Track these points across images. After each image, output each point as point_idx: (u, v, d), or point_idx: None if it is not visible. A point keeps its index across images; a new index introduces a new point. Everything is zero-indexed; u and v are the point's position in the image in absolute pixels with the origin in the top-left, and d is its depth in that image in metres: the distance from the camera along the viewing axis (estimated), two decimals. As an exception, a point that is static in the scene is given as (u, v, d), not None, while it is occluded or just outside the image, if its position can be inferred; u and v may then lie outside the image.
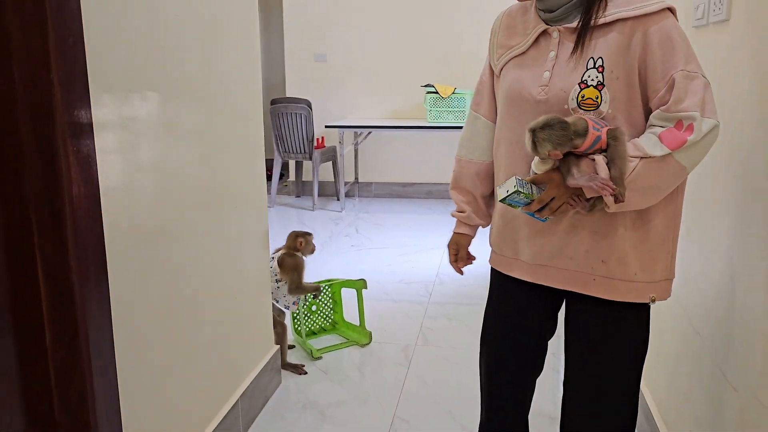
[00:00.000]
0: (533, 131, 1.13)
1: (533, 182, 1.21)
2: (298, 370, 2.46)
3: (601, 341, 1.31)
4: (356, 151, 5.87)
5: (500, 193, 1.22)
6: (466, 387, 2.32)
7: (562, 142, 1.12)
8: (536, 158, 1.20)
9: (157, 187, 1.50)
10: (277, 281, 2.46)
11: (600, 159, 1.14)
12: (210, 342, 1.81)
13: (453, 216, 1.52)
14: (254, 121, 2.11)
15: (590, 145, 1.14)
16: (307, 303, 2.77)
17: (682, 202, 1.26)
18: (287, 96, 5.79)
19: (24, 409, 1.22)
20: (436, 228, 4.75)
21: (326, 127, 5.35)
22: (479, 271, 1.79)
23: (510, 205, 1.23)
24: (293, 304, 2.52)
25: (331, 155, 5.64)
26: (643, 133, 1.18)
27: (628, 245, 1.23)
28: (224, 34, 1.85)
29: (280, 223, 4.94)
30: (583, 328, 1.34)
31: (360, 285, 2.76)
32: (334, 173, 5.79)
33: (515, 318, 1.45)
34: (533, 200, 1.20)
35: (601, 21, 1.19)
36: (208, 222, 1.78)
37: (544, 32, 1.26)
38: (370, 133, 5.68)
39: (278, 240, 2.60)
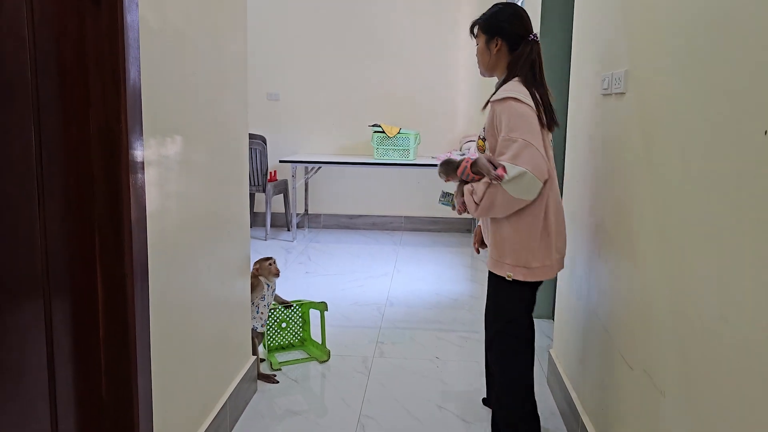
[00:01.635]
0: (442, 170, 2.11)
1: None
2: (271, 379, 2.76)
3: (490, 295, 2.19)
4: (307, 184, 6.23)
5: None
6: (419, 390, 2.70)
7: (448, 171, 2.08)
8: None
9: (178, 212, 1.83)
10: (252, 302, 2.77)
11: (466, 189, 2.02)
12: (206, 347, 2.12)
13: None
14: (241, 157, 2.45)
15: (462, 171, 2.00)
16: (277, 321, 3.09)
17: (535, 219, 1.98)
18: (241, 131, 6.10)
19: (76, 390, 1.51)
20: (383, 256, 5.15)
21: (280, 161, 5.69)
22: (424, 295, 2.19)
23: (445, 205, 2.19)
24: (260, 326, 2.82)
25: (283, 188, 5.97)
26: None
27: (497, 240, 2.05)
28: (224, 84, 2.21)
29: (236, 252, 5.21)
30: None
31: (322, 307, 3.11)
32: (285, 205, 6.11)
33: None
34: (452, 203, 2.17)
35: (490, 101, 2.01)
36: (209, 242, 2.11)
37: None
38: (320, 167, 6.05)
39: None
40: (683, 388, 1.39)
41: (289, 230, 6.01)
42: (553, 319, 3.17)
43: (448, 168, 2.06)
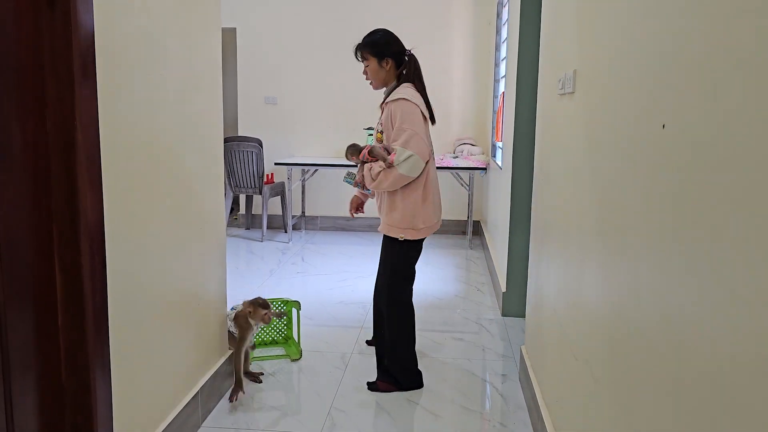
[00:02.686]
0: (348, 151, 2.75)
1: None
2: (256, 378, 2.82)
3: (385, 255, 2.77)
4: (303, 186, 6.31)
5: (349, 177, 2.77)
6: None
7: (353, 152, 2.71)
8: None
9: (145, 208, 1.91)
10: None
11: (365, 166, 2.65)
12: (178, 338, 2.19)
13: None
14: (216, 157, 2.53)
15: (362, 154, 2.65)
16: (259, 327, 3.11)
17: (418, 191, 2.59)
18: (239, 134, 6.21)
19: (37, 374, 1.58)
20: (376, 258, 5.19)
21: (276, 164, 5.77)
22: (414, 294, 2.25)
23: (348, 183, 2.75)
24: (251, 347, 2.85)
25: (280, 190, 6.06)
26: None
27: (391, 209, 2.63)
28: (195, 86, 2.29)
29: (231, 253, 5.30)
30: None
31: (295, 306, 3.16)
32: (282, 207, 6.20)
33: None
34: (355, 180, 2.73)
35: (386, 102, 2.60)
36: (180, 237, 2.19)
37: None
38: (316, 170, 6.13)
39: (231, 269, 2.98)
40: (612, 376, 1.44)
41: (286, 232, 6.09)
42: (524, 317, 3.22)
43: (354, 150, 2.70)
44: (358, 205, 2.97)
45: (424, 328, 3.50)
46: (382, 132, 2.62)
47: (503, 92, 4.52)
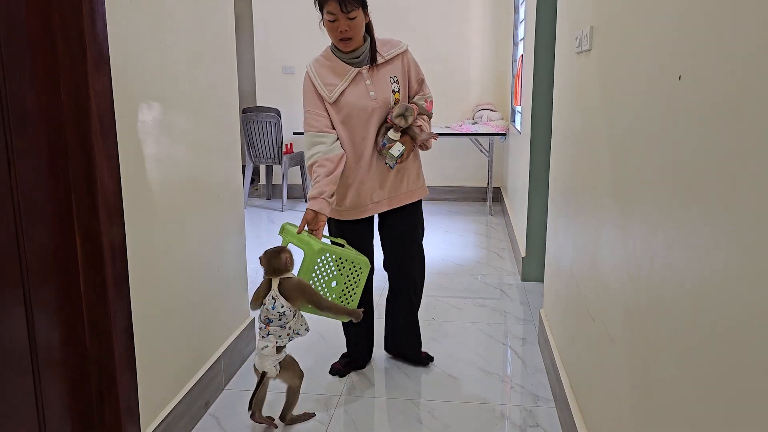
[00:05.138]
0: (402, 114, 2.24)
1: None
2: (308, 416, 2.23)
3: (411, 222, 2.52)
4: (322, 156, 6.30)
5: (395, 153, 2.27)
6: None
7: (411, 114, 2.26)
8: (391, 131, 2.26)
9: (160, 175, 1.93)
10: (281, 318, 2.03)
11: (425, 124, 2.37)
12: (198, 305, 2.23)
13: (322, 203, 2.21)
14: (232, 126, 2.54)
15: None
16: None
17: None
18: (258, 105, 6.21)
19: (61, 340, 1.63)
20: (396, 225, 5.21)
21: (294, 134, 5.77)
22: (431, 260, 2.26)
23: (395, 158, 2.27)
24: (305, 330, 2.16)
25: (299, 160, 6.07)
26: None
27: (415, 170, 2.46)
28: (208, 55, 2.29)
29: (252, 223, 5.35)
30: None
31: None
32: (302, 177, 6.21)
33: None
34: (403, 153, 2.29)
35: (387, 58, 2.32)
36: (198, 205, 2.21)
37: (358, 72, 2.27)
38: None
39: (252, 238, 3.00)
40: (629, 336, 1.43)
41: (306, 201, 6.11)
42: (543, 282, 3.22)
43: (409, 112, 2.26)
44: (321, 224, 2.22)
45: (445, 294, 3.51)
46: (399, 91, 2.33)
47: (522, 55, 4.44)
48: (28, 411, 1.50)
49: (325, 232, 2.29)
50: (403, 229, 2.48)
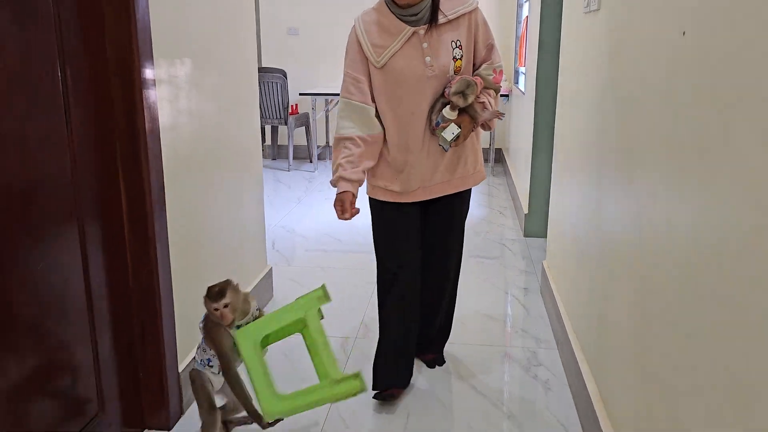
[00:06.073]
0: (461, 92, 1.85)
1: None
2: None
3: (458, 213, 2.19)
4: (327, 117, 6.40)
5: (447, 137, 1.88)
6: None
7: (473, 91, 1.86)
8: (447, 108, 1.87)
9: (190, 126, 2.05)
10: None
11: (490, 101, 1.96)
12: (225, 249, 2.38)
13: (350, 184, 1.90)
14: (252, 85, 2.65)
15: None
16: None
17: None
18: (263, 66, 6.27)
19: (109, 279, 1.77)
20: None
21: (300, 94, 5.85)
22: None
23: (448, 142, 1.90)
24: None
25: (304, 121, 6.16)
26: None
27: (474, 152, 2.09)
28: (229, 13, 2.38)
29: (260, 182, 5.47)
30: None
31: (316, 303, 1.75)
32: (306, 137, 6.31)
33: None
34: (459, 137, 1.90)
35: (450, 17, 1.88)
36: (223, 159, 2.34)
37: (414, 33, 1.87)
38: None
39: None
40: (629, 277, 1.58)
41: (311, 161, 6.22)
42: (545, 237, 3.37)
43: (474, 87, 1.88)
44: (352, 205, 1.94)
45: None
46: (460, 58, 1.92)
47: (527, 17, 4.51)
48: (84, 340, 1.65)
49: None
50: (447, 219, 2.14)
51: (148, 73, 1.73)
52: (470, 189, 2.14)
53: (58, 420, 1.56)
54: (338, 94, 5.81)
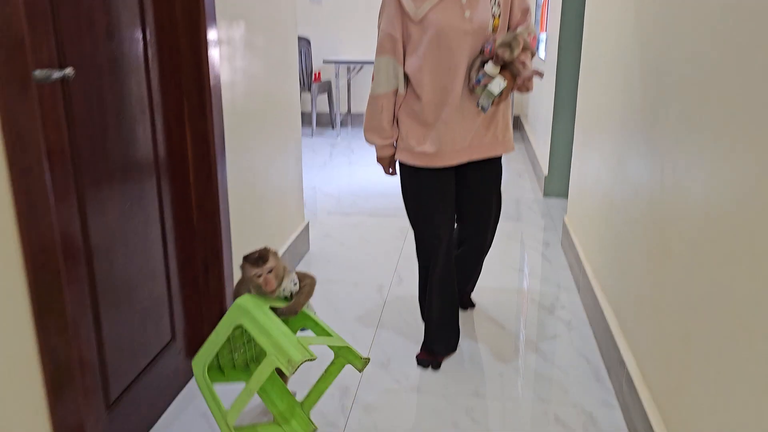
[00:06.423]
0: (509, 44, 1.84)
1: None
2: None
3: (493, 179, 2.19)
4: (349, 84, 6.54)
5: (494, 90, 1.87)
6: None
7: (520, 46, 1.87)
8: (490, 64, 1.87)
9: (245, 84, 2.23)
10: None
11: (529, 58, 1.95)
12: (269, 201, 2.57)
13: (384, 145, 2.06)
14: (291, 48, 2.81)
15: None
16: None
17: None
18: (286, 34, 6.40)
19: (177, 220, 1.96)
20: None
21: (324, 61, 5.99)
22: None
23: (493, 97, 1.88)
24: None
25: (327, 88, 6.31)
26: None
27: (506, 117, 2.10)
28: (276, -20, 2.55)
29: (285, 147, 5.66)
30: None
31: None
32: (329, 104, 6.47)
33: None
34: (502, 94, 1.90)
35: None
36: (272, 113, 2.52)
37: None
38: (361, 67, 6.34)
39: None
40: (651, 230, 1.75)
41: (333, 128, 6.39)
42: (565, 197, 3.53)
43: (519, 40, 1.87)
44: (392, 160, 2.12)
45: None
46: (499, 16, 1.95)
47: (549, -16, 4.61)
48: (160, 275, 1.86)
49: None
50: (481, 186, 2.14)
51: (212, 33, 1.90)
52: (501, 157, 2.15)
53: (143, 345, 1.77)
54: (361, 62, 5.98)
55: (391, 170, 2.16)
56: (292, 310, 1.67)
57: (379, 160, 2.13)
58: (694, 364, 1.36)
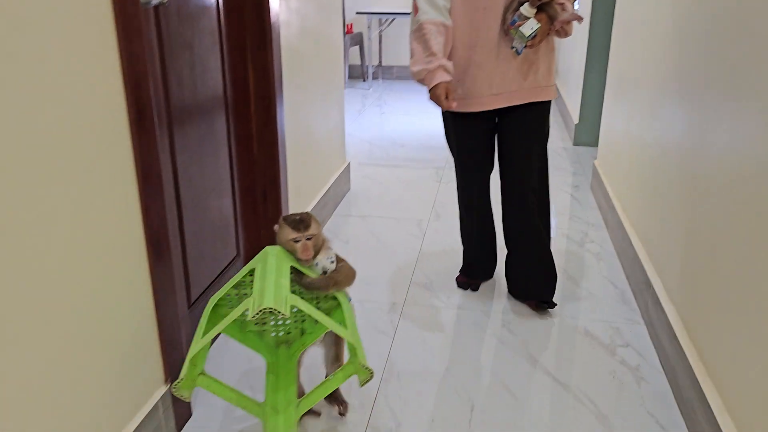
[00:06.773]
0: None
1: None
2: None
3: (536, 129, 2.05)
4: (381, 36, 6.61)
5: (525, 32, 1.81)
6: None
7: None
8: (526, 5, 1.80)
9: (297, 26, 2.37)
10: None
11: (569, 3, 1.87)
12: (317, 141, 2.74)
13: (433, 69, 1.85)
14: (337, 8, 2.95)
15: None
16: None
17: None
18: (319, -15, 6.46)
19: (237, 149, 2.14)
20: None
21: (357, 13, 6.07)
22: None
23: (525, 38, 1.82)
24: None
25: (359, 40, 6.39)
26: None
27: (549, 63, 1.99)
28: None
29: (319, 97, 5.80)
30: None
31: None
32: (361, 56, 6.56)
33: None
34: (536, 35, 1.83)
35: None
36: (320, 54, 2.67)
37: None
38: (394, 19, 6.40)
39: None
40: (683, 174, 1.88)
41: (364, 80, 6.50)
42: (594, 146, 3.64)
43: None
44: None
45: (504, 154, 3.99)
46: None
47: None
48: (228, 199, 2.04)
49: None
50: (521, 139, 2.02)
51: (274, -25, 2.05)
52: (547, 108, 2.01)
53: (215, 257, 1.97)
54: (393, 14, 6.04)
55: (447, 101, 1.85)
56: (323, 284, 1.45)
57: (432, 93, 1.87)
58: (719, 283, 1.52)
